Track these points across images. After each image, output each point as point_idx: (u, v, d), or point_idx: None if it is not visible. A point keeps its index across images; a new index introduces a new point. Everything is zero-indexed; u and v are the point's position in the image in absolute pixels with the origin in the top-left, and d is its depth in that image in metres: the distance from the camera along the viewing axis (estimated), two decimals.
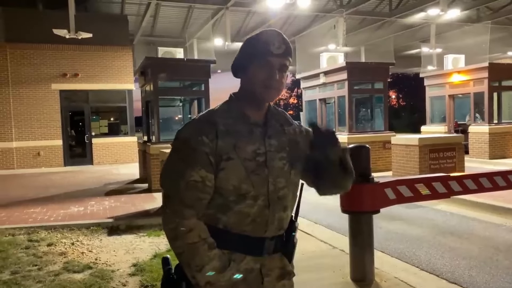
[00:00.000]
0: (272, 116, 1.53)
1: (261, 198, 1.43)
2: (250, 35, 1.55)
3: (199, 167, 1.37)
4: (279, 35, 1.46)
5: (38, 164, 15.29)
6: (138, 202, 8.12)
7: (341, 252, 4.78)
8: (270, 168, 1.44)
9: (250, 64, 1.46)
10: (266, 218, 1.44)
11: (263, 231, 1.45)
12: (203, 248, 1.36)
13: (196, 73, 10.26)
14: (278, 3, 12.51)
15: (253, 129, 1.46)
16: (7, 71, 14.94)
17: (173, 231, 1.38)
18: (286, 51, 1.46)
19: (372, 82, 12.33)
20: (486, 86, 13.17)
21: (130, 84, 16.55)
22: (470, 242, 5.31)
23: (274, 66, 1.44)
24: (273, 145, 1.47)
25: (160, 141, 9.75)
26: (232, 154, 1.39)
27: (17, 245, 5.39)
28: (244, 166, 1.40)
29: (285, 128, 1.54)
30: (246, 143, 1.42)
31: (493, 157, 12.68)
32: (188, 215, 1.37)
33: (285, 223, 1.52)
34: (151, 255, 4.88)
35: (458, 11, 14.67)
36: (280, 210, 1.47)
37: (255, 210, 1.42)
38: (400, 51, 22.88)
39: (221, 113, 1.47)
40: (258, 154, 1.43)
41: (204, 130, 1.40)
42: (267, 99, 1.48)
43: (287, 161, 1.49)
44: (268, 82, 1.44)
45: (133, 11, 17.28)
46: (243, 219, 1.42)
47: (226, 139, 1.40)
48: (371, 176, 2.18)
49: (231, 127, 1.43)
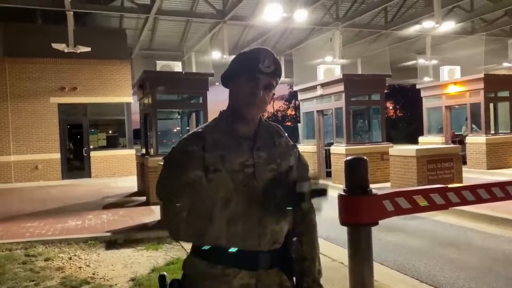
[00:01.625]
0: (263, 129, 1.53)
1: (251, 210, 1.41)
2: (243, 50, 1.57)
3: (194, 168, 1.39)
4: (271, 54, 1.49)
5: (36, 177, 15.23)
6: (136, 215, 8.09)
7: (340, 264, 4.76)
8: (259, 180, 1.43)
9: (238, 78, 1.48)
10: (258, 231, 1.42)
11: (257, 245, 1.42)
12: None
13: (194, 86, 10.32)
14: (275, 17, 12.63)
15: (242, 142, 1.46)
16: (6, 85, 14.97)
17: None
18: (275, 71, 1.48)
19: (369, 94, 12.40)
20: (482, 97, 13.26)
21: (129, 97, 16.60)
22: (469, 253, 5.30)
23: (259, 84, 1.45)
24: (262, 157, 1.46)
25: (158, 153, 9.75)
26: (219, 165, 1.39)
27: (14, 260, 5.35)
28: (231, 178, 1.40)
29: (276, 141, 1.53)
30: (234, 155, 1.42)
31: (491, 167, 12.70)
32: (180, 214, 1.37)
33: (280, 236, 1.48)
34: (149, 269, 4.85)
35: (453, 23, 14.83)
36: (272, 223, 1.44)
37: (245, 223, 1.40)
38: (396, 63, 23.07)
39: (210, 128, 1.49)
40: (246, 165, 1.42)
41: (193, 142, 1.43)
42: (248, 115, 1.48)
43: (277, 173, 1.48)
44: (251, 98, 1.45)
45: (131, 25, 17.41)
46: (234, 233, 1.40)
47: (213, 152, 1.41)
48: (369, 188, 2.19)
49: (219, 140, 1.44)
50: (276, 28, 17.68)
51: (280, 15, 12.24)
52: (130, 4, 14.09)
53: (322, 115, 12.99)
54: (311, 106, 13.47)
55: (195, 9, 15.95)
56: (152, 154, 10.18)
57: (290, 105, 55.21)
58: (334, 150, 11.78)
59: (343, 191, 2.26)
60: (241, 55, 1.53)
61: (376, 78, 12.22)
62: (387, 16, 17.87)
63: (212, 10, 14.81)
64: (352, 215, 2.33)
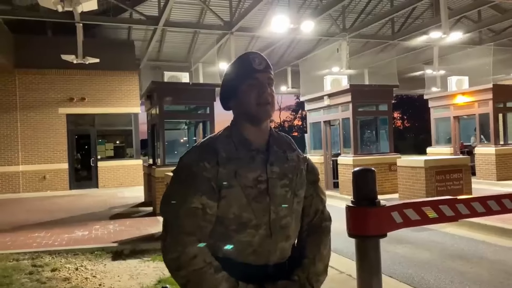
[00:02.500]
0: (274, 141, 1.50)
1: (263, 227, 1.39)
2: (228, 66, 1.56)
3: (200, 194, 1.34)
4: (257, 53, 1.50)
5: (43, 187, 15.32)
6: (142, 226, 8.08)
7: (348, 277, 4.69)
8: (272, 196, 1.41)
9: (239, 88, 1.46)
10: (268, 247, 1.40)
11: (265, 261, 1.41)
12: (209, 272, 1.31)
13: (201, 96, 10.36)
14: (282, 28, 12.69)
15: (255, 155, 1.43)
16: (16, 95, 15.17)
17: (176, 261, 1.32)
18: (267, 66, 1.49)
19: (376, 104, 12.36)
20: (491, 108, 13.16)
21: (136, 107, 16.72)
22: (480, 266, 5.20)
23: (262, 82, 1.46)
24: (275, 172, 1.43)
25: (165, 164, 9.77)
26: (232, 181, 1.36)
27: (21, 270, 5.35)
28: (245, 193, 1.37)
29: (288, 155, 1.51)
30: (247, 170, 1.39)
31: (501, 178, 12.54)
32: (189, 242, 1.32)
33: (287, 253, 1.47)
34: (155, 281, 4.82)
35: (461, 33, 14.79)
36: (282, 240, 1.43)
37: (256, 240, 1.38)
38: (403, 73, 23.03)
39: (222, 139, 1.45)
40: (260, 181, 1.40)
41: (206, 156, 1.38)
42: (263, 116, 1.46)
43: (290, 188, 1.46)
44: (261, 97, 1.44)
45: (139, 36, 17.61)
46: (244, 249, 1.39)
47: (227, 166, 1.37)
48: (377, 200, 2.16)
49: (232, 154, 1.40)
50: (283, 39, 17.77)
51: (287, 26, 12.29)
52: (139, 16, 14.26)
53: (329, 126, 12.96)
54: (318, 116, 13.46)
55: (202, 21, 16.11)
56: (159, 164, 10.20)
57: (296, 116, 55.32)
58: (342, 160, 11.72)
59: (351, 203, 2.24)
60: (229, 68, 1.53)
61: (383, 88, 12.19)
62: (394, 27, 17.89)
63: (220, 21, 14.93)
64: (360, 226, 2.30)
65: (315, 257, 1.52)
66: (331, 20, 16.67)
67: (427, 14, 17.63)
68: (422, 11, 17.53)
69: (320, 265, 1.52)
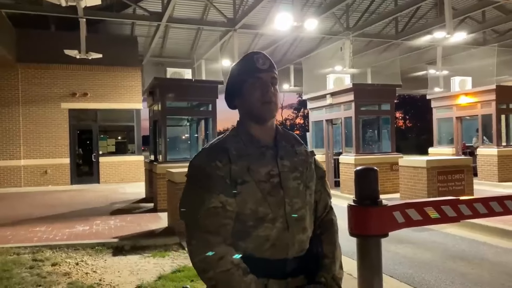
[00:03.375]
0: (282, 137, 1.53)
1: (279, 220, 1.41)
2: (233, 64, 1.58)
3: (218, 192, 1.36)
4: (260, 53, 1.51)
5: (45, 182, 15.35)
6: (143, 222, 8.09)
7: (349, 276, 4.68)
8: (285, 189, 1.43)
9: (243, 87, 1.49)
10: (286, 241, 1.41)
11: (285, 254, 1.42)
12: (237, 274, 1.31)
13: (203, 93, 10.35)
14: (286, 26, 12.66)
15: (265, 151, 1.45)
16: (18, 90, 15.18)
17: (203, 263, 1.32)
18: (270, 66, 1.51)
19: (379, 104, 12.32)
20: (493, 109, 13.12)
21: (139, 103, 16.72)
22: (481, 268, 5.19)
23: (266, 81, 1.47)
24: (286, 165, 1.46)
25: (167, 160, 9.77)
26: (246, 177, 1.38)
27: (22, 265, 5.36)
28: (259, 188, 1.39)
29: (296, 149, 1.54)
30: (259, 165, 1.41)
31: (503, 179, 12.51)
32: (215, 243, 1.33)
33: (306, 245, 1.48)
34: (155, 277, 4.82)
35: (465, 34, 14.73)
36: (299, 232, 1.44)
37: (274, 233, 1.40)
38: (406, 73, 22.97)
39: (231, 138, 1.47)
40: (272, 175, 1.42)
41: (217, 155, 1.40)
42: (267, 115, 1.48)
43: (301, 181, 1.48)
44: (265, 97, 1.46)
45: (142, 32, 17.60)
46: (262, 243, 1.39)
47: (239, 163, 1.39)
48: (379, 199, 2.14)
49: (243, 151, 1.42)
50: (287, 37, 17.73)
51: (290, 24, 12.27)
52: (142, 12, 14.24)
53: (331, 124, 12.93)
54: (320, 115, 13.43)
55: (206, 17, 16.09)
56: (160, 160, 10.20)
57: (298, 114, 55.27)
58: (343, 159, 11.70)
59: (352, 202, 2.23)
60: (234, 68, 1.55)
61: (386, 88, 12.15)
62: (398, 26, 17.84)
63: (223, 18, 14.90)
64: (361, 226, 2.29)
65: (334, 256, 1.55)
66: (334, 19, 16.63)
67: (431, 13, 17.57)
68: (426, 10, 17.47)
69: (338, 263, 1.57)
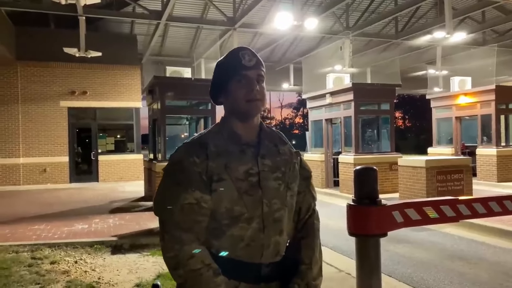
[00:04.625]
0: (266, 135, 1.49)
1: (256, 220, 1.37)
2: (218, 60, 1.54)
3: (193, 189, 1.33)
4: (247, 49, 1.47)
5: (44, 180, 15.33)
6: (142, 220, 8.08)
7: (347, 275, 4.69)
8: (264, 189, 1.39)
9: (228, 84, 1.45)
10: (261, 242, 1.37)
11: (259, 256, 1.38)
12: (207, 274, 1.29)
13: (203, 92, 10.18)
14: (285, 25, 12.66)
15: (245, 149, 1.42)
16: (17, 88, 15.15)
17: (174, 259, 1.31)
18: (257, 62, 1.46)
19: (378, 103, 12.33)
20: (493, 109, 13.13)
21: (138, 102, 16.70)
22: (479, 268, 5.20)
23: (252, 79, 1.43)
24: (266, 165, 1.42)
25: (166, 159, 9.77)
26: (223, 174, 1.35)
27: (20, 263, 5.36)
28: (236, 186, 1.35)
29: (280, 148, 1.49)
30: (237, 163, 1.38)
31: (502, 180, 12.53)
32: (187, 241, 1.31)
33: (282, 248, 1.43)
34: (154, 275, 4.82)
35: (464, 34, 14.74)
36: (276, 234, 1.40)
37: (249, 234, 1.36)
38: (406, 73, 22.97)
39: (212, 134, 1.45)
40: (251, 174, 1.38)
41: (195, 151, 1.38)
42: (252, 112, 1.45)
43: (282, 181, 1.44)
44: (250, 95, 1.42)
45: (142, 31, 17.58)
46: (236, 243, 1.36)
47: (217, 160, 1.36)
48: (379, 199, 2.14)
49: (222, 147, 1.39)
50: (286, 36, 17.72)
51: (290, 23, 12.26)
52: (142, 10, 14.22)
53: (330, 124, 12.94)
54: (319, 114, 13.43)
55: (205, 16, 16.07)
56: (160, 159, 10.20)
57: (298, 113, 55.29)
58: (342, 159, 11.71)
59: (352, 201, 2.23)
60: (219, 64, 1.51)
61: (386, 87, 12.16)
62: (398, 26, 17.84)
63: (223, 17, 14.89)
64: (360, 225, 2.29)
65: (311, 262, 1.49)
66: (334, 18, 16.62)
67: (431, 13, 17.57)
68: (426, 10, 17.46)
69: (315, 269, 1.50)
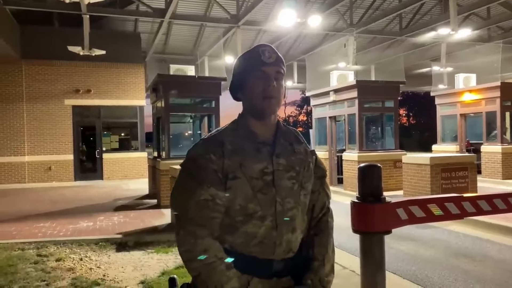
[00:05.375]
0: (282, 134, 1.51)
1: (269, 218, 1.39)
2: (239, 56, 1.55)
3: (209, 185, 1.36)
4: (267, 45, 1.49)
5: (49, 178, 15.41)
6: (147, 218, 8.11)
7: (352, 272, 4.70)
8: (277, 188, 1.41)
9: (246, 80, 1.46)
10: (274, 239, 1.40)
11: (271, 253, 1.41)
12: (220, 268, 1.32)
13: (207, 90, 10.35)
14: (289, 22, 12.63)
15: (261, 147, 1.43)
16: (22, 86, 15.24)
17: (188, 253, 1.35)
18: (277, 59, 1.47)
19: (382, 101, 12.29)
20: (498, 106, 13.06)
21: (142, 100, 16.75)
22: (484, 265, 5.18)
23: (269, 75, 1.44)
24: (281, 164, 1.44)
25: (170, 157, 9.79)
26: (238, 173, 1.37)
27: (26, 260, 5.40)
28: (250, 185, 1.37)
29: (295, 147, 1.51)
30: (253, 161, 1.40)
31: (507, 177, 12.46)
32: (202, 235, 1.34)
33: (294, 246, 1.46)
34: (159, 272, 4.84)
35: (469, 30, 14.63)
36: (288, 232, 1.42)
37: (262, 231, 1.39)
38: (410, 70, 22.86)
39: (229, 132, 1.46)
40: (266, 173, 1.40)
41: (212, 148, 1.39)
42: (268, 110, 1.46)
43: (296, 181, 1.46)
44: (266, 92, 1.43)
45: (146, 29, 17.59)
46: (249, 240, 1.39)
47: (232, 158, 1.38)
48: (383, 196, 2.14)
49: (238, 145, 1.41)
50: (290, 33, 17.68)
51: (294, 20, 12.22)
52: (145, 8, 14.23)
53: (334, 121, 12.91)
54: (323, 112, 13.41)
55: (209, 14, 16.05)
56: (164, 157, 10.22)
57: (302, 111, 55.19)
58: (346, 156, 11.69)
59: (356, 198, 2.23)
60: (240, 58, 1.53)
61: (390, 84, 12.12)
62: (402, 23, 17.74)
63: (226, 14, 14.87)
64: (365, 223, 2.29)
65: (324, 258, 1.53)
66: (338, 15, 16.56)
67: (436, 10, 17.46)
68: (430, 7, 17.35)
69: (328, 266, 1.54)
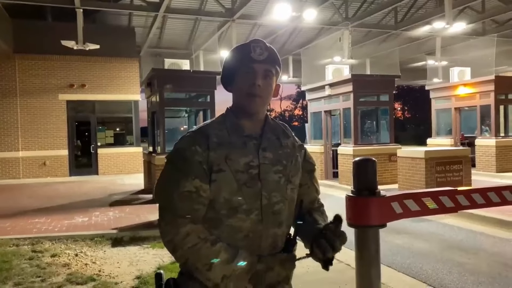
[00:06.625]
0: (269, 128, 1.49)
1: (254, 212, 1.38)
2: (233, 47, 1.53)
3: (193, 177, 1.34)
4: (261, 42, 1.45)
5: (43, 173, 15.34)
6: (142, 213, 8.10)
7: (347, 266, 4.71)
8: (263, 181, 1.39)
9: (235, 74, 1.45)
10: (260, 233, 1.39)
11: (257, 247, 1.39)
12: (205, 246, 1.32)
13: (202, 84, 10.31)
14: (284, 16, 12.60)
15: (247, 141, 1.42)
16: (15, 81, 15.11)
17: (171, 243, 1.34)
18: (269, 57, 1.44)
19: (377, 95, 12.31)
20: (492, 99, 13.12)
21: (137, 95, 16.67)
22: (478, 258, 5.23)
23: (257, 73, 1.42)
24: (267, 157, 1.42)
25: (165, 151, 9.77)
26: (223, 166, 1.36)
27: (21, 256, 5.38)
28: (235, 178, 1.36)
29: (282, 141, 1.49)
30: (238, 155, 1.38)
31: (500, 170, 12.55)
32: (183, 223, 1.33)
33: (280, 241, 1.45)
34: (154, 267, 4.84)
35: (464, 24, 14.66)
36: (274, 226, 1.41)
37: (247, 225, 1.37)
38: (405, 64, 22.90)
39: (216, 125, 1.45)
40: (251, 166, 1.39)
41: (198, 141, 1.38)
42: (252, 108, 1.44)
43: (283, 175, 1.44)
44: (251, 89, 1.41)
45: (140, 23, 17.47)
46: (235, 233, 1.37)
47: (217, 151, 1.37)
48: (378, 190, 2.14)
49: (224, 138, 1.40)
50: (285, 27, 17.62)
51: (289, 14, 12.21)
52: (140, 2, 14.12)
53: (330, 116, 12.93)
54: (319, 106, 13.42)
55: (204, 8, 15.96)
56: (159, 152, 10.20)
57: (297, 105, 55.20)
58: (342, 150, 11.71)
59: (351, 192, 2.23)
60: (231, 52, 1.50)
61: (385, 78, 12.13)
62: (397, 16, 17.74)
63: (221, 8, 14.79)
64: (359, 216, 2.29)
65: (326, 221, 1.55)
66: (333, 9, 16.52)
67: (431, 4, 17.46)
68: (425, 0, 17.35)
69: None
